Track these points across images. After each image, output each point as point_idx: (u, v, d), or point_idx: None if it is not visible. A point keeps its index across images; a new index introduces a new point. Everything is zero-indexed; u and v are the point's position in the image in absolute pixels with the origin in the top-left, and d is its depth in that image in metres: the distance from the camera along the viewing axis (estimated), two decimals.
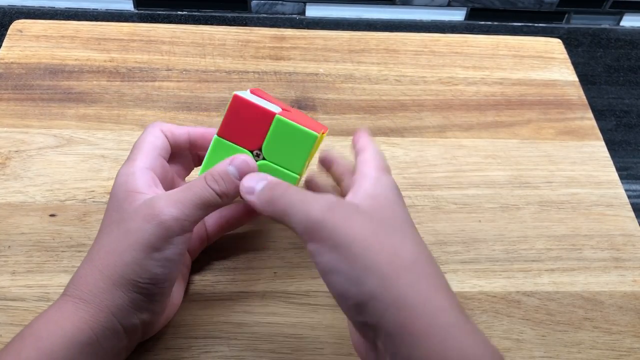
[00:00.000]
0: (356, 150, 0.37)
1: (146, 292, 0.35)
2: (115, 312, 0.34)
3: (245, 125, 0.37)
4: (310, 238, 0.31)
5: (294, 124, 0.37)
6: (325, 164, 0.42)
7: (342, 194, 0.39)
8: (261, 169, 0.37)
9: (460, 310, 0.30)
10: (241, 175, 0.36)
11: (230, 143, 0.37)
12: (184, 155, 0.42)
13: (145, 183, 0.36)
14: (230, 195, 0.36)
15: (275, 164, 0.37)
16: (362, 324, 0.30)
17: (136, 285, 0.34)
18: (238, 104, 0.37)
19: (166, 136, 0.39)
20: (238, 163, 0.36)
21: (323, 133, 0.40)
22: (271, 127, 0.37)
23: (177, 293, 0.40)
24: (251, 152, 0.38)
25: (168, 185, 0.39)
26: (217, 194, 0.35)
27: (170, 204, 0.34)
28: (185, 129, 0.40)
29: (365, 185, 0.33)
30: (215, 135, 0.38)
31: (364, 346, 0.32)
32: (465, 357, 0.28)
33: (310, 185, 0.42)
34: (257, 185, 0.34)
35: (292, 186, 0.34)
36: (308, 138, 0.37)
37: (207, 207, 0.35)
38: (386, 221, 0.32)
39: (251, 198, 0.34)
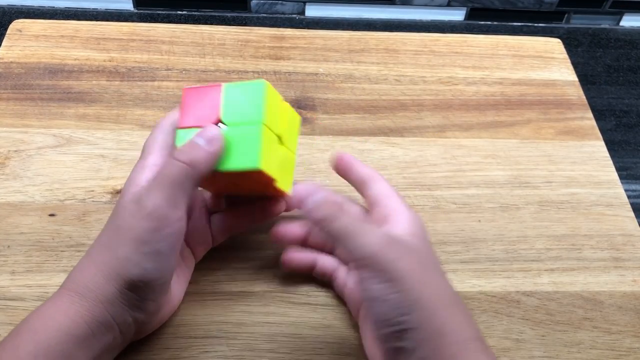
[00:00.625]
0: (362, 180, 0.40)
1: (139, 289, 0.34)
2: (109, 308, 0.34)
3: (200, 107, 0.37)
4: (364, 266, 0.33)
5: (240, 82, 0.38)
6: (341, 169, 0.42)
7: (367, 207, 0.41)
8: (227, 135, 0.36)
9: (482, 340, 0.33)
10: (207, 140, 0.35)
11: (192, 128, 0.37)
12: None
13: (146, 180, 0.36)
14: (200, 163, 0.35)
15: (238, 124, 0.37)
16: (396, 348, 0.33)
17: (128, 281, 0.34)
18: (188, 92, 0.38)
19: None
20: (200, 132, 0.36)
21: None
22: (222, 96, 0.37)
23: (175, 295, 0.39)
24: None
25: None
26: (186, 164, 0.34)
27: (151, 195, 0.34)
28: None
29: (403, 222, 0.37)
30: (177, 129, 0.38)
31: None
32: None
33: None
34: (313, 195, 0.35)
35: (347, 210, 0.36)
36: (258, 87, 0.37)
37: (183, 183, 0.35)
38: (427, 258, 0.35)
39: (306, 207, 0.35)
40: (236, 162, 0.36)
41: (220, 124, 0.37)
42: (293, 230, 0.42)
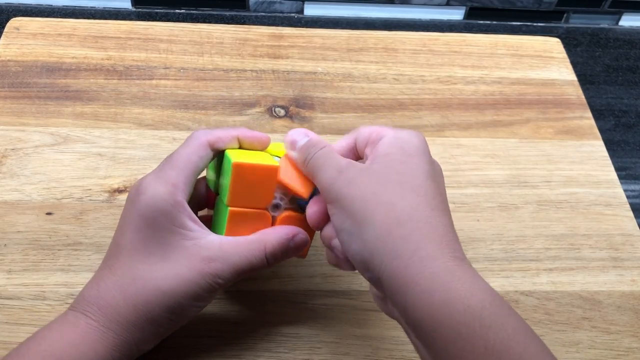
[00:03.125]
0: (351, 140, 0.37)
1: (174, 327, 0.36)
2: (140, 344, 0.34)
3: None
4: (326, 199, 0.34)
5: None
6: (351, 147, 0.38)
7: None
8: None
9: (453, 257, 0.30)
10: (297, 248, 0.37)
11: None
12: None
13: (190, 218, 0.35)
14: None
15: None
16: (370, 279, 0.32)
17: (169, 322, 0.35)
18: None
19: (212, 147, 0.37)
20: (297, 240, 0.36)
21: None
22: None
23: None
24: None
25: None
26: (268, 264, 0.36)
27: (227, 268, 0.34)
28: (233, 132, 0.37)
29: (381, 146, 0.34)
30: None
31: (380, 301, 0.34)
32: (448, 300, 0.28)
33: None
34: (300, 141, 0.36)
35: (325, 148, 0.35)
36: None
37: (253, 270, 0.35)
38: (391, 176, 0.32)
39: (292, 154, 0.36)
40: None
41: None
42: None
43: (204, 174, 0.39)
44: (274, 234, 0.36)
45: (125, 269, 0.34)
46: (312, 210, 0.36)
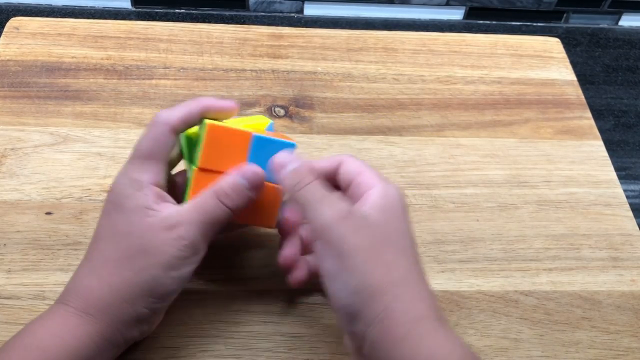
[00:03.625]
0: (330, 169, 0.38)
1: (154, 307, 0.35)
2: (120, 327, 0.34)
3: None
4: (319, 238, 0.33)
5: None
6: (331, 169, 0.39)
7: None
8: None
9: (438, 318, 0.32)
10: (251, 187, 0.36)
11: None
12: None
13: (155, 196, 0.35)
14: (241, 209, 0.36)
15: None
16: (352, 332, 0.33)
17: (148, 301, 0.34)
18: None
19: (176, 131, 0.37)
20: (249, 175, 0.36)
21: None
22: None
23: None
24: None
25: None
26: (230, 209, 0.36)
27: (191, 229, 0.35)
28: (196, 107, 0.37)
29: (374, 198, 0.34)
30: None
31: (354, 350, 0.34)
32: (435, 356, 0.31)
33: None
34: (289, 165, 0.36)
35: (316, 182, 0.35)
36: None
37: (221, 224, 0.36)
38: (387, 235, 0.33)
39: (280, 175, 0.36)
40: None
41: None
42: (292, 252, 0.40)
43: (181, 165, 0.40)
44: (224, 177, 0.36)
45: (97, 254, 0.35)
46: (288, 253, 0.38)
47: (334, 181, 0.38)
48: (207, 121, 0.36)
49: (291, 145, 0.38)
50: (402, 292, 0.32)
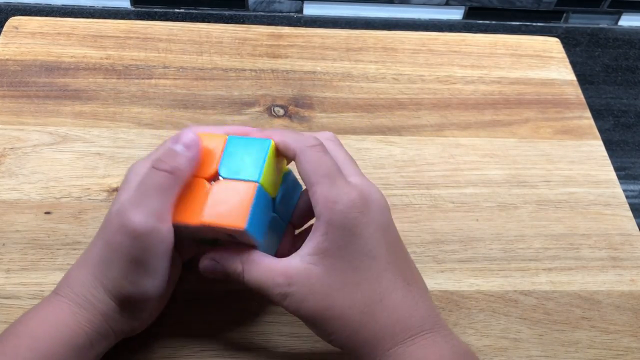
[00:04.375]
0: (291, 155, 0.35)
1: (138, 303, 0.35)
2: (110, 320, 0.34)
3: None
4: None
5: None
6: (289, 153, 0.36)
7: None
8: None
9: (423, 329, 0.33)
10: (185, 146, 0.34)
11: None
12: None
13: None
14: (182, 169, 0.33)
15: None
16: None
17: (127, 297, 0.34)
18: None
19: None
20: (175, 137, 0.35)
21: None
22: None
23: (165, 296, 0.39)
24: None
25: None
26: (169, 172, 0.33)
27: (137, 211, 0.32)
28: (223, 130, 0.37)
29: (316, 236, 0.33)
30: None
31: None
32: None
33: None
34: (213, 268, 0.35)
35: (247, 266, 0.34)
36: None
37: (167, 191, 0.33)
38: (339, 277, 0.33)
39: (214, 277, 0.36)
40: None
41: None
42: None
43: None
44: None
45: (89, 250, 0.36)
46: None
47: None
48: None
49: (266, 142, 0.35)
50: (367, 322, 0.33)
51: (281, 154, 0.36)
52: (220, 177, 0.35)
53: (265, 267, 0.34)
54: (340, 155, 0.36)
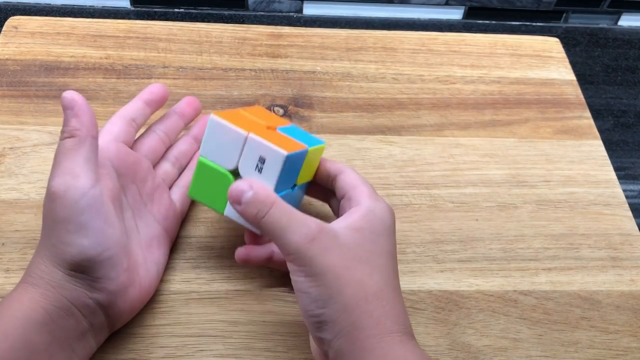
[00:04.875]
0: (329, 173, 0.41)
1: (84, 268, 0.35)
2: (63, 291, 0.35)
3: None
4: (290, 260, 0.34)
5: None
6: (330, 177, 0.41)
7: (335, 211, 0.42)
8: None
9: (406, 332, 0.34)
10: (69, 107, 0.36)
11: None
12: None
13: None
14: (79, 127, 0.36)
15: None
16: (318, 338, 0.35)
17: (70, 262, 0.34)
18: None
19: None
20: (63, 104, 0.36)
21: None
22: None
23: (145, 276, 0.39)
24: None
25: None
26: (69, 136, 0.35)
27: (52, 177, 0.35)
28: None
29: (355, 216, 0.36)
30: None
31: (319, 353, 0.36)
32: None
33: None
34: (244, 195, 0.35)
35: (278, 205, 0.35)
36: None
37: (74, 152, 0.35)
38: (362, 253, 0.35)
39: (239, 208, 0.35)
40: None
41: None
42: (257, 252, 0.40)
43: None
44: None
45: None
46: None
47: (329, 185, 0.41)
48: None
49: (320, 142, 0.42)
50: (372, 308, 0.33)
51: (325, 169, 0.41)
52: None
53: (297, 213, 0.35)
54: None
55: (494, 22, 0.75)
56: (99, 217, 0.35)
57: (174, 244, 0.44)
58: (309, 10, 0.73)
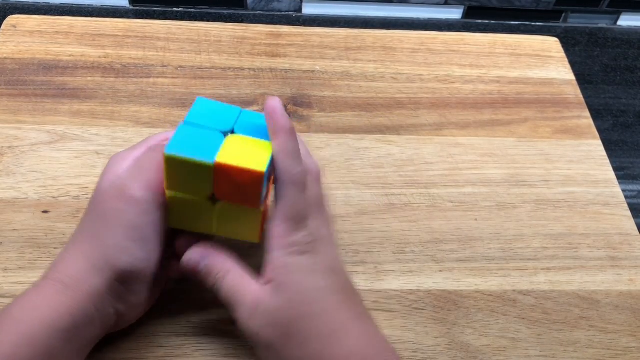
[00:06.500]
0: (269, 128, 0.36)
1: (126, 279, 0.35)
2: (95, 299, 0.34)
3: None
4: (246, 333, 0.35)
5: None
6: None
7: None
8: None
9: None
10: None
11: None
12: None
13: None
14: None
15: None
16: None
17: (117, 270, 0.34)
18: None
19: None
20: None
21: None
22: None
23: (157, 292, 0.39)
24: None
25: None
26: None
27: (136, 181, 0.35)
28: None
29: (276, 270, 0.35)
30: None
31: None
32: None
33: None
34: (201, 261, 0.36)
35: (228, 274, 0.35)
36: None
37: (161, 168, 0.35)
38: (296, 310, 0.34)
39: (198, 274, 0.36)
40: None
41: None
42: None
43: None
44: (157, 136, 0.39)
45: (77, 230, 0.36)
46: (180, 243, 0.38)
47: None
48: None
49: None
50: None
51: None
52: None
53: (242, 283, 0.35)
54: (312, 162, 0.38)
55: (493, 21, 0.75)
56: (158, 234, 0.36)
57: None
58: (308, 9, 0.73)
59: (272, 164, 0.35)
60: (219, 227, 0.37)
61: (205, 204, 0.36)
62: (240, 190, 0.35)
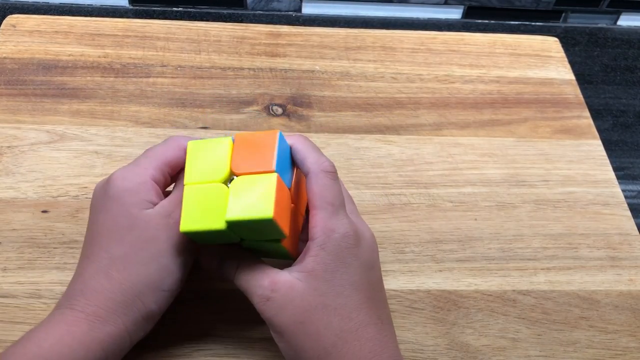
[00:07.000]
0: (310, 205, 0.36)
1: (162, 301, 0.35)
2: (130, 327, 0.34)
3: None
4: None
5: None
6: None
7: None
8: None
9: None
10: None
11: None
12: None
13: (155, 191, 0.36)
14: None
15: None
16: None
17: (158, 294, 0.34)
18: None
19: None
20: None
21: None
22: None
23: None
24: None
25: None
26: None
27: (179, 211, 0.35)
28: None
29: (306, 256, 0.34)
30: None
31: None
32: None
33: None
34: (216, 256, 0.37)
35: (242, 262, 0.36)
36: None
37: None
38: (316, 301, 0.33)
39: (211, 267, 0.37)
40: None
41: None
42: None
43: None
44: None
45: (103, 253, 0.34)
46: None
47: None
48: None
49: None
50: (336, 357, 0.33)
51: (295, 165, 0.37)
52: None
53: (256, 270, 0.35)
54: (345, 191, 0.39)
55: (493, 21, 0.75)
56: (193, 254, 0.37)
57: None
58: (308, 9, 0.73)
59: (289, 166, 0.36)
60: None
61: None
62: (258, 151, 0.35)
